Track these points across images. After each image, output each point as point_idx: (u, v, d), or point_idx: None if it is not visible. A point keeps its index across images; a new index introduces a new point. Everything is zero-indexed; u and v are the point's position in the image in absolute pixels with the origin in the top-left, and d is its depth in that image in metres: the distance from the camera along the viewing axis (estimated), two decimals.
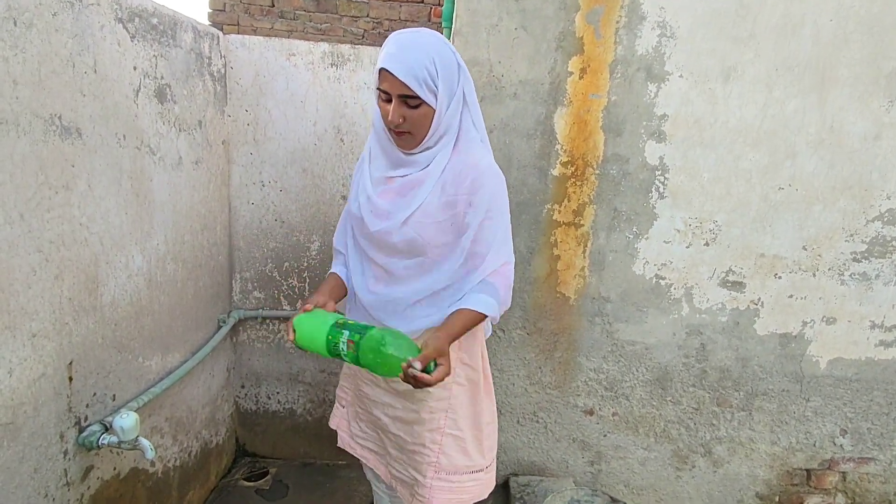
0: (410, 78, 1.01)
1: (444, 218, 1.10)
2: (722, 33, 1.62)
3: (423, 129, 1.08)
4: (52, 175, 1.05)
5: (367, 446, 1.34)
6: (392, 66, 1.01)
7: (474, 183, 1.08)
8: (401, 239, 1.12)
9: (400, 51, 1.02)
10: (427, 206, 1.10)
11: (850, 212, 1.75)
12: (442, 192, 1.10)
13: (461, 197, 1.09)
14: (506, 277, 1.14)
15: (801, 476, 1.99)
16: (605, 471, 1.99)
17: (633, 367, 1.89)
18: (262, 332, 2.03)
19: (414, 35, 1.05)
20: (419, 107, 1.05)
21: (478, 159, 1.11)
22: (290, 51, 1.79)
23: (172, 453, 1.63)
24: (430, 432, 1.21)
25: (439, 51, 1.05)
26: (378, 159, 1.18)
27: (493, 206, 1.10)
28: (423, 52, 1.02)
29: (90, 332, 1.20)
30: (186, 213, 1.59)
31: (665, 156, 1.71)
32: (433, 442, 1.21)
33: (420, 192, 1.11)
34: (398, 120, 1.05)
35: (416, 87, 1.02)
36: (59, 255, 1.09)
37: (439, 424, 1.21)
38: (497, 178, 1.12)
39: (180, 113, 1.50)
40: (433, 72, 1.03)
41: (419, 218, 1.10)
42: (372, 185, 1.18)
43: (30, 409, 1.05)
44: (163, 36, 1.39)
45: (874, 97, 1.66)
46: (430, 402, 1.19)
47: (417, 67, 1.01)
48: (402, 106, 1.05)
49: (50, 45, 1.03)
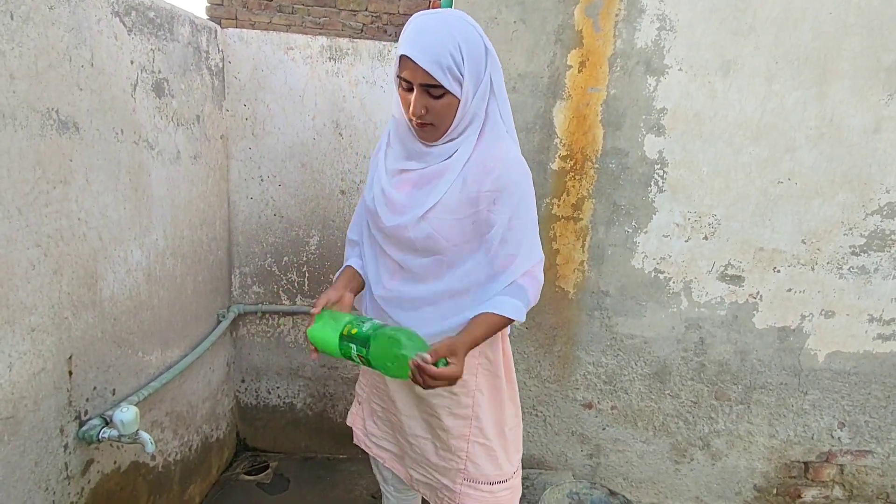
0: (433, 65, 0.92)
1: (465, 215, 1.02)
2: (722, 26, 1.61)
3: (447, 120, 1.00)
4: (50, 169, 1.05)
5: (384, 446, 1.28)
6: (413, 53, 0.92)
7: (500, 178, 1.00)
8: (417, 235, 1.04)
9: (421, 35, 0.93)
10: (447, 202, 1.02)
11: (849, 205, 1.75)
12: (463, 187, 1.01)
13: (484, 193, 1.00)
14: (536, 279, 1.07)
15: (798, 469, 2.00)
16: (604, 464, 2.00)
17: (631, 360, 1.89)
18: (261, 326, 2.04)
19: (437, 17, 0.96)
20: (443, 96, 0.96)
21: (504, 152, 1.02)
22: (289, 45, 1.78)
23: (173, 447, 1.64)
24: (456, 440, 1.15)
25: (465, 34, 0.95)
26: (395, 149, 1.10)
27: (521, 203, 1.02)
28: (447, 35, 0.93)
29: (89, 326, 1.20)
30: (185, 208, 1.58)
31: (664, 149, 1.71)
32: (459, 449, 1.15)
33: (439, 185, 1.03)
34: (420, 111, 0.97)
35: (439, 76, 0.93)
36: (58, 250, 1.09)
37: (464, 432, 1.14)
38: (525, 172, 1.04)
39: (178, 107, 1.50)
40: (458, 58, 0.93)
41: (437, 214, 1.02)
42: (387, 176, 1.09)
43: (30, 403, 1.05)
44: (160, 30, 1.38)
45: (874, 90, 1.66)
46: (454, 408, 1.14)
47: (441, 53, 0.92)
48: (424, 96, 0.96)
49: (47, 38, 1.02)
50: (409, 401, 1.18)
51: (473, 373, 1.13)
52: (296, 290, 2.00)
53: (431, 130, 1.01)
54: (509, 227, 1.02)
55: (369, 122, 1.86)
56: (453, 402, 1.13)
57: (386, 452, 1.28)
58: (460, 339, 0.97)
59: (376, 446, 1.29)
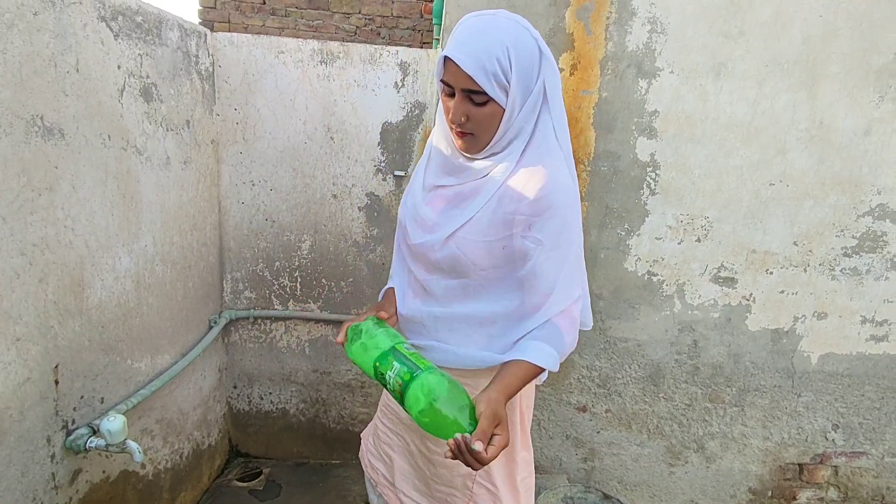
0: (477, 70, 0.85)
1: (496, 238, 0.93)
2: (712, 29, 1.61)
3: (489, 132, 0.92)
4: (35, 177, 1.04)
5: (378, 468, 1.20)
6: (456, 55, 0.85)
7: (539, 201, 0.89)
8: (442, 256, 0.96)
9: (467, 36, 0.87)
10: (477, 222, 0.94)
11: (841, 207, 1.75)
12: (498, 206, 0.93)
13: (520, 216, 0.91)
14: (573, 319, 0.96)
15: (793, 471, 2.00)
16: (599, 467, 2.00)
17: (625, 364, 1.89)
18: (253, 332, 2.02)
19: (487, 18, 0.88)
20: (486, 104, 0.88)
21: (551, 171, 0.91)
22: (279, 48, 1.77)
23: (163, 455, 1.62)
24: (461, 477, 1.06)
25: (517, 37, 0.87)
26: (434, 163, 1.02)
27: (562, 233, 0.91)
28: (496, 38, 0.85)
29: (76, 334, 1.19)
30: (175, 214, 1.57)
31: (656, 152, 1.71)
32: (465, 487, 1.06)
33: (473, 204, 0.95)
34: (460, 119, 0.90)
35: (482, 82, 0.85)
36: (44, 258, 1.08)
37: (470, 470, 1.03)
38: (571, 197, 0.93)
39: (167, 112, 1.49)
40: (505, 63, 0.86)
41: (466, 234, 0.94)
42: (423, 191, 1.02)
43: (15, 413, 1.04)
44: (148, 34, 1.37)
45: (864, 92, 1.66)
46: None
47: (486, 58, 0.85)
48: (466, 102, 0.89)
49: (31, 45, 1.01)
50: (412, 431, 1.10)
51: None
52: (288, 295, 1.99)
53: (472, 141, 0.93)
54: (546, 259, 0.92)
55: (361, 126, 1.85)
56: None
57: (379, 475, 1.20)
58: (497, 398, 0.85)
59: (371, 467, 1.22)
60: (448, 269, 0.98)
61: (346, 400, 2.10)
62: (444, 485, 1.08)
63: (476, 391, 1.01)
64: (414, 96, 1.83)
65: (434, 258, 0.98)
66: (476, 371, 1.00)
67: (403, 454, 1.14)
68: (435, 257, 0.97)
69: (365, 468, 1.23)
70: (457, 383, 0.86)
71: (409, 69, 1.81)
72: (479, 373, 1.00)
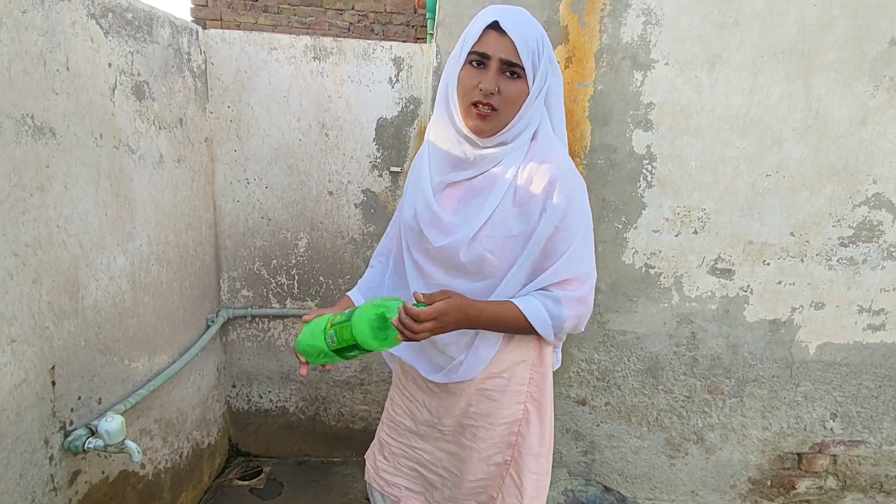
0: (522, 43, 0.88)
1: (519, 231, 0.93)
2: (707, 20, 1.61)
3: (511, 112, 0.92)
4: (26, 176, 1.03)
5: (398, 483, 1.17)
6: (506, 24, 0.88)
7: (551, 185, 0.92)
8: (468, 258, 0.95)
9: (513, 12, 0.90)
10: (498, 218, 0.93)
11: (837, 197, 1.75)
12: (514, 200, 0.93)
13: (535, 203, 0.93)
14: (577, 298, 0.94)
15: (792, 460, 2.00)
16: (599, 460, 2.00)
17: (624, 356, 1.89)
18: (251, 330, 2.02)
19: (519, 9, 0.94)
20: (518, 80, 0.90)
21: (557, 159, 0.94)
22: (272, 45, 1.76)
23: (163, 455, 1.62)
24: (496, 466, 1.07)
25: (544, 33, 0.93)
26: (436, 159, 1.00)
27: (568, 214, 0.93)
28: (535, 25, 0.91)
29: (72, 335, 1.18)
30: (170, 213, 1.56)
31: (652, 144, 1.70)
32: (499, 476, 1.07)
33: (490, 198, 0.94)
34: (494, 88, 0.89)
35: (524, 54, 0.88)
36: (37, 259, 1.07)
37: (505, 458, 1.06)
38: (577, 182, 0.95)
39: (160, 110, 1.48)
40: (541, 48, 0.90)
41: (489, 232, 0.93)
42: (433, 190, 0.99)
43: (12, 415, 1.03)
44: (138, 31, 1.36)
45: (859, 82, 1.66)
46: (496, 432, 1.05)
47: (530, 36, 0.89)
48: (500, 74, 0.90)
49: (20, 43, 1.00)
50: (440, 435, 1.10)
51: (521, 400, 1.05)
52: (285, 294, 1.98)
53: (492, 120, 0.92)
54: (552, 239, 0.93)
55: (356, 122, 1.84)
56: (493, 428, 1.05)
57: (401, 490, 1.18)
58: (462, 303, 0.89)
59: (388, 484, 1.19)
60: (474, 272, 0.97)
61: (346, 397, 2.10)
62: (476, 478, 1.08)
63: (510, 383, 1.04)
64: (409, 91, 1.82)
65: (459, 261, 0.96)
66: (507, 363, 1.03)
67: (425, 464, 1.14)
68: (460, 260, 0.96)
69: (380, 488, 1.20)
70: (384, 298, 0.91)
71: (404, 64, 1.80)
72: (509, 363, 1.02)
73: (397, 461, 1.17)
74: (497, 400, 1.04)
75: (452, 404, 1.07)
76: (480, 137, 0.94)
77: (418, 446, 1.14)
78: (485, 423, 1.05)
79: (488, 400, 1.04)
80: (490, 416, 1.05)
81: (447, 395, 1.07)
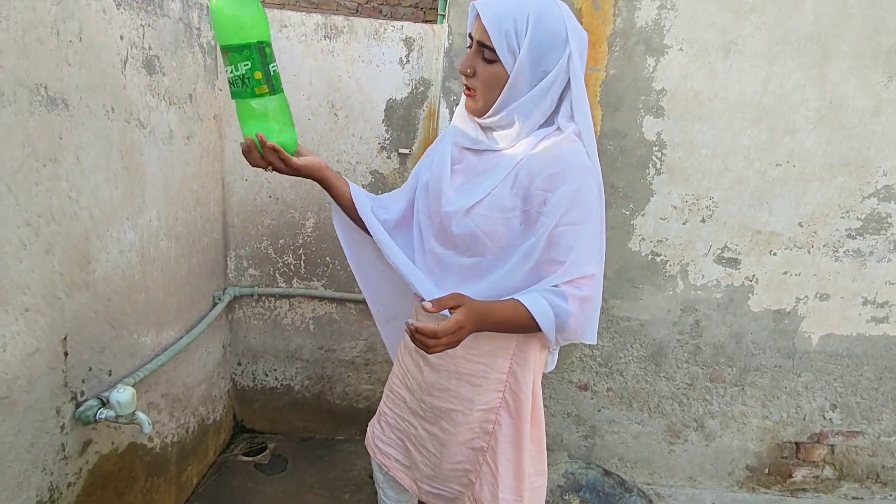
0: (493, 23, 0.87)
1: (514, 214, 0.93)
2: (722, 6, 1.59)
3: (491, 95, 0.92)
4: (39, 147, 1.03)
5: (390, 453, 1.20)
6: (481, 5, 0.89)
7: (555, 178, 0.90)
8: (460, 231, 0.96)
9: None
10: (495, 196, 0.94)
11: (847, 188, 1.75)
12: (515, 181, 0.93)
13: (536, 191, 0.91)
14: (583, 298, 0.91)
15: (790, 449, 2.02)
16: (600, 445, 2.02)
17: (627, 343, 1.90)
18: (258, 309, 2.03)
19: None
20: (493, 63, 0.90)
21: (565, 150, 0.91)
22: (282, 22, 1.74)
23: (170, 429, 1.64)
24: (473, 451, 1.07)
25: (542, 12, 0.88)
26: (459, 132, 1.03)
27: (574, 205, 0.89)
28: (523, 4, 0.87)
29: (83, 307, 1.19)
30: (179, 189, 1.56)
31: (663, 131, 1.70)
32: (476, 462, 1.08)
33: (491, 177, 0.95)
34: (467, 70, 0.93)
35: (494, 37, 0.87)
36: (49, 229, 1.07)
37: (482, 445, 1.06)
38: (585, 174, 0.91)
39: (170, 85, 1.47)
40: (521, 29, 0.87)
41: (484, 210, 0.94)
42: (450, 161, 1.03)
43: (24, 383, 1.05)
44: (149, 4, 1.35)
45: (873, 72, 1.65)
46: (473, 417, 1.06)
47: (504, 16, 0.87)
48: (477, 55, 0.92)
49: (34, 11, 0.99)
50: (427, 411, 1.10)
51: (500, 389, 1.04)
52: (292, 273, 1.99)
53: (473, 101, 0.95)
54: (557, 233, 0.90)
55: (366, 102, 1.83)
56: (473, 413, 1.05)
57: (393, 461, 1.20)
58: (478, 306, 0.87)
59: (381, 451, 1.21)
60: (464, 247, 0.98)
61: (351, 377, 2.12)
62: (455, 462, 1.10)
63: (491, 371, 1.04)
64: (419, 73, 1.81)
65: (452, 231, 0.97)
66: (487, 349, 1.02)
67: (412, 439, 1.15)
68: (452, 230, 0.97)
69: (374, 454, 1.23)
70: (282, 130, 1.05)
71: (414, 45, 1.79)
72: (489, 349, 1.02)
73: (392, 431, 1.20)
74: (478, 385, 1.04)
75: (435, 381, 1.08)
76: (474, 116, 0.98)
77: (409, 420, 1.16)
78: (462, 408, 1.06)
79: (468, 385, 1.05)
80: (470, 401, 1.05)
81: (432, 372, 1.08)
